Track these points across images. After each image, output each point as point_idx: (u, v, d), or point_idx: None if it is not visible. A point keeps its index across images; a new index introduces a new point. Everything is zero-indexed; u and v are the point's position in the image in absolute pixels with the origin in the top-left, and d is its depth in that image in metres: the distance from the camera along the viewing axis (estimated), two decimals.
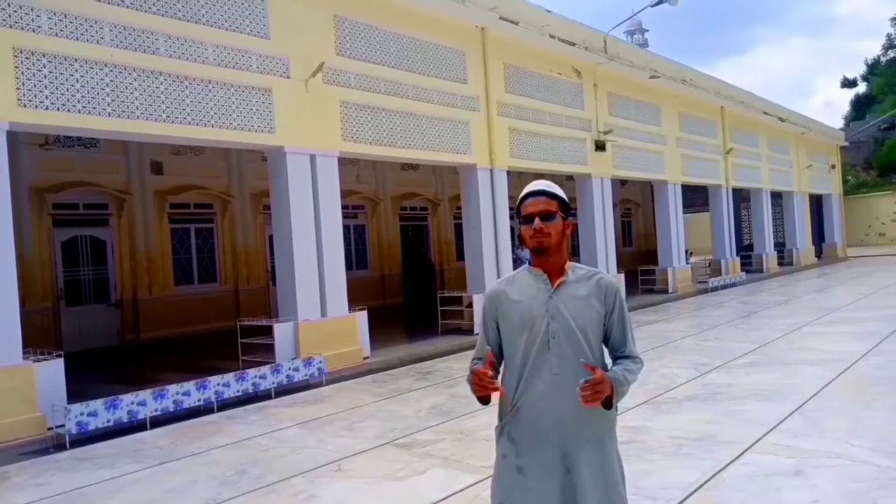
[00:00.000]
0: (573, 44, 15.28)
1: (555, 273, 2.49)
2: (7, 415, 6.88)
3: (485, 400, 2.43)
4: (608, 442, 2.47)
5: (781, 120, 26.83)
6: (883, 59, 61.94)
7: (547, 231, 2.43)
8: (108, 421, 7.10)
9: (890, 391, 7.09)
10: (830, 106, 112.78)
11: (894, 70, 57.20)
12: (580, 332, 2.43)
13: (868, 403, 6.66)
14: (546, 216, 2.44)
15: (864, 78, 64.02)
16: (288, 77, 9.90)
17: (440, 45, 12.44)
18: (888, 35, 60.63)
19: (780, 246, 28.87)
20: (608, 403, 2.36)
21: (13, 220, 7.32)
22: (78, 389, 7.86)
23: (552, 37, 14.64)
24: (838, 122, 55.57)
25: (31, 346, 7.73)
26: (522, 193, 2.55)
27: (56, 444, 6.78)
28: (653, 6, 18.17)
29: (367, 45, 11.12)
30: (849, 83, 66.03)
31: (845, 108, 64.66)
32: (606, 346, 2.54)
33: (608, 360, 2.57)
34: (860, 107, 60.26)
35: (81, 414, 6.89)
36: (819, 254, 32.08)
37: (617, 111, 17.78)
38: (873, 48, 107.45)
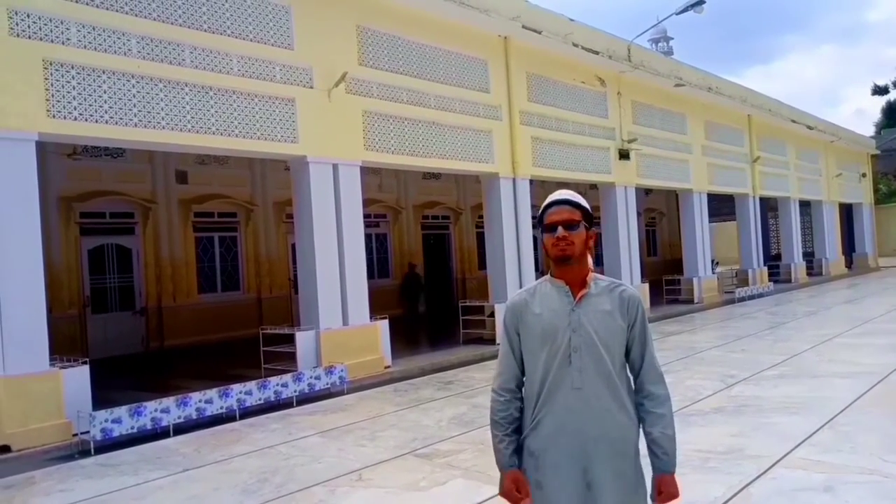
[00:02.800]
0: (596, 52, 15.21)
1: (577, 284, 2.45)
2: (34, 420, 6.97)
3: None
4: (631, 457, 2.42)
5: (810, 128, 26.42)
6: None
7: (570, 240, 2.40)
8: (132, 428, 7.16)
9: None
10: (861, 114, 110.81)
11: None
12: (603, 346, 2.39)
13: None
14: (569, 225, 2.41)
15: None
16: (311, 87, 9.97)
17: (463, 54, 12.45)
18: None
19: (808, 256, 28.38)
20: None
21: (42, 229, 7.45)
22: (103, 396, 7.96)
23: (575, 45, 14.59)
24: (869, 130, 54.60)
25: (58, 353, 7.84)
26: (545, 203, 2.51)
27: (81, 450, 6.86)
28: (678, 14, 18.02)
29: (390, 55, 11.17)
30: (880, 90, 64.73)
31: (877, 115, 63.43)
32: (627, 359, 2.49)
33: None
34: (892, 114, 59.07)
35: (106, 420, 6.96)
36: (849, 264, 31.48)
37: (641, 119, 17.64)
38: None
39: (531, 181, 13.92)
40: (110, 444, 6.94)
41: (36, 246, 7.27)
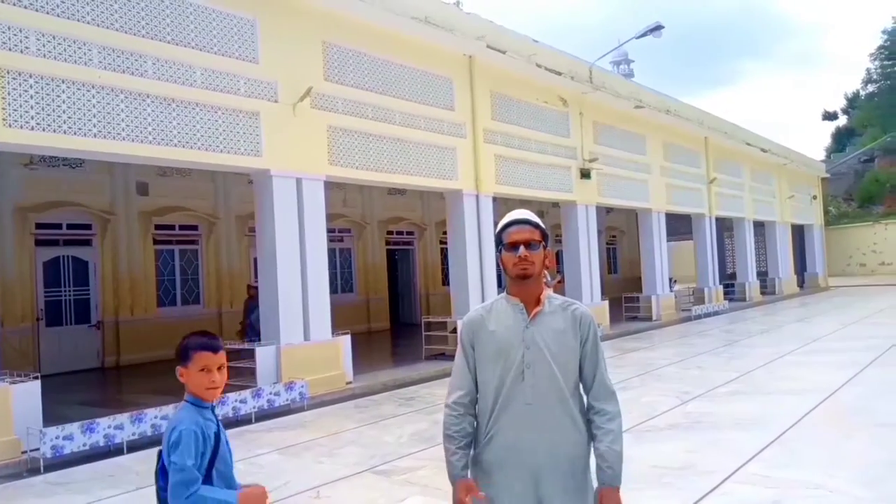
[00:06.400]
0: (559, 73, 15.51)
1: (531, 302, 2.52)
2: None
3: None
4: (582, 472, 2.47)
5: (764, 151, 27.25)
6: (862, 93, 63.31)
7: (531, 260, 2.48)
8: (85, 445, 6.99)
9: (869, 421, 7.14)
10: (812, 138, 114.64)
11: (873, 103, 58.44)
12: (555, 363, 2.45)
13: (847, 434, 6.70)
14: (530, 245, 2.48)
15: (845, 111, 65.39)
16: (276, 101, 9.96)
17: (428, 72, 12.57)
18: (867, 70, 62.09)
19: (762, 275, 29.13)
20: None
21: None
22: (55, 412, 7.76)
23: (539, 66, 14.85)
24: (820, 154, 56.57)
25: (8, 368, 7.64)
26: (504, 221, 2.58)
27: (30, 468, 6.67)
28: (637, 38, 18.49)
29: (355, 71, 11.23)
30: (830, 116, 67.36)
31: (827, 140, 65.91)
32: (581, 377, 2.55)
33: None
34: (841, 139, 61.48)
35: (57, 437, 6.78)
36: (801, 283, 32.39)
37: (602, 140, 17.99)
38: (853, 82, 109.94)
39: (494, 198, 14.07)
40: (61, 462, 6.76)
41: None
